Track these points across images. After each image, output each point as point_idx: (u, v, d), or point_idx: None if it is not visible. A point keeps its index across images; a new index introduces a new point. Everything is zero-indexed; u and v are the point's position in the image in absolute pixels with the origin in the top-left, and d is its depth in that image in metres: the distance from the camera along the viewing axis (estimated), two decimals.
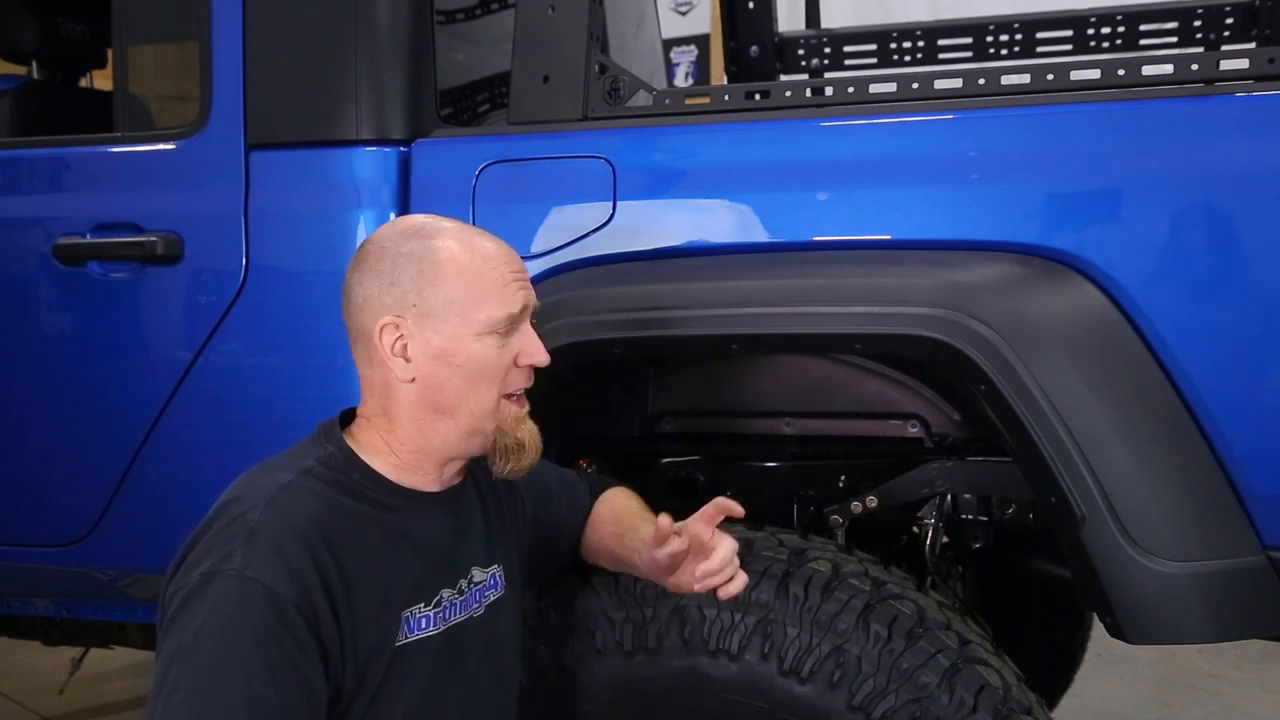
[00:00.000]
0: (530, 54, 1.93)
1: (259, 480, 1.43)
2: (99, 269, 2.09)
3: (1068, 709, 3.25)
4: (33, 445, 2.22)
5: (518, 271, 1.51)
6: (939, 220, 1.71)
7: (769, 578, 1.68)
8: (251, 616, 1.28)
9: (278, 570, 1.31)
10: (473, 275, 1.47)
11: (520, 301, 1.49)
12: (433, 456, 1.51)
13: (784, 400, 1.99)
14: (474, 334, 1.46)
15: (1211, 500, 1.60)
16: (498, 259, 1.49)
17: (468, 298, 1.46)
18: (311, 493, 1.41)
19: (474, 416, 1.48)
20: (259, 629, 1.28)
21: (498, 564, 1.62)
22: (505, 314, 1.47)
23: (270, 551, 1.32)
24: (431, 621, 1.48)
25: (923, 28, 2.89)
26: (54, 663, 3.29)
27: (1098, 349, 1.61)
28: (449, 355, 1.46)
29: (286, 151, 2.00)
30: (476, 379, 1.47)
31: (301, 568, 1.33)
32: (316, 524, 1.37)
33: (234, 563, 1.31)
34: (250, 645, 1.27)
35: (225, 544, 1.33)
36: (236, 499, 1.40)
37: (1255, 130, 1.60)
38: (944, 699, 1.59)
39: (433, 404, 1.48)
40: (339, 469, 1.46)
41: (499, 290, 1.47)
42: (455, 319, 1.46)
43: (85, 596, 2.37)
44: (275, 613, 1.29)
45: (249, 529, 1.34)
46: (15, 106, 2.47)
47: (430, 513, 1.52)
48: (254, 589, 1.29)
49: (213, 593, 1.30)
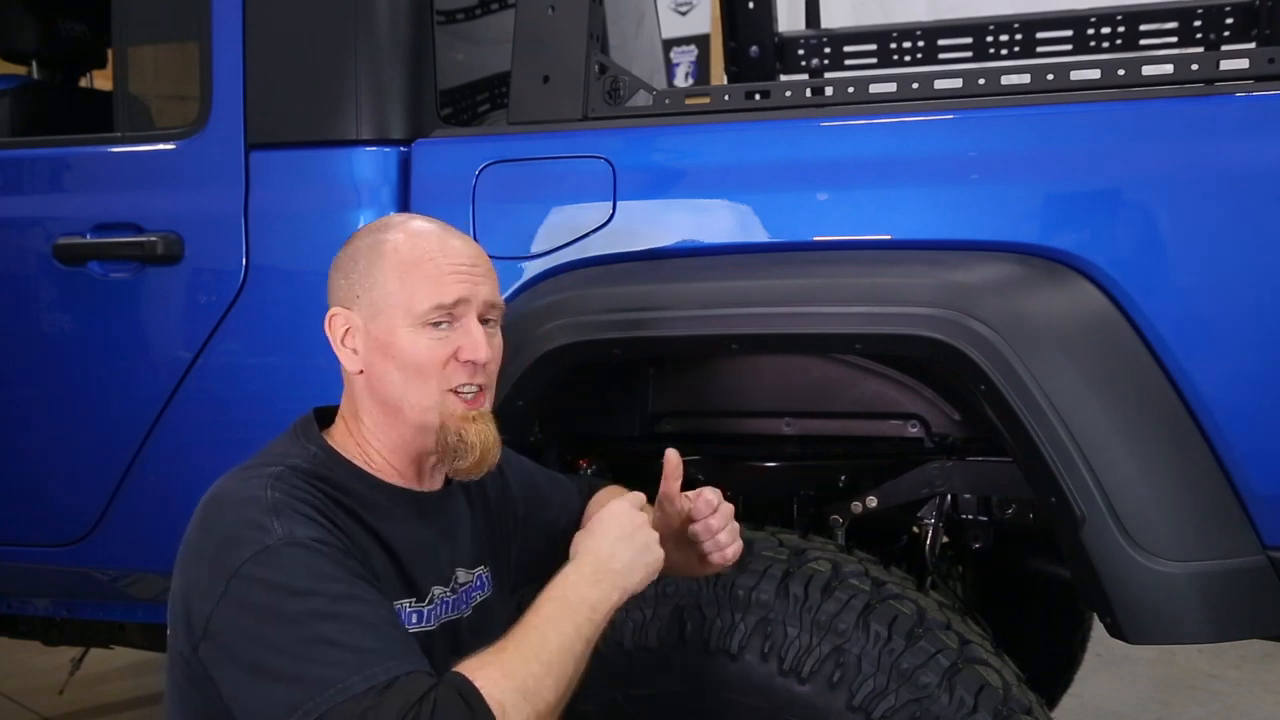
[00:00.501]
0: (530, 54, 1.93)
1: (245, 475, 1.41)
2: (99, 269, 2.09)
3: (1068, 709, 3.25)
4: (33, 445, 2.22)
5: (460, 264, 1.47)
6: (939, 220, 1.71)
7: (769, 578, 1.68)
8: (328, 563, 1.30)
9: (313, 528, 1.32)
10: (408, 266, 1.46)
11: (455, 293, 1.45)
12: (399, 453, 1.50)
13: (784, 400, 1.99)
14: (408, 325, 1.45)
15: (1211, 500, 1.60)
16: (438, 251, 1.47)
17: (402, 289, 1.45)
18: (303, 485, 1.40)
19: (416, 410, 1.46)
20: (343, 571, 1.30)
21: (485, 566, 1.62)
22: (432, 304, 1.44)
23: (299, 517, 1.33)
24: (425, 617, 1.48)
25: (923, 28, 2.89)
26: (54, 663, 3.29)
27: (1098, 349, 1.61)
28: (386, 346, 1.46)
29: (286, 151, 2.00)
30: (412, 371, 1.45)
31: (328, 528, 1.35)
32: (319, 508, 1.37)
33: (275, 535, 1.30)
34: (353, 582, 1.29)
35: (254, 526, 1.31)
36: (230, 491, 1.39)
37: (1255, 130, 1.60)
38: (944, 699, 1.59)
39: (379, 396, 1.48)
40: (324, 466, 1.45)
41: (432, 281, 1.45)
42: (391, 309, 1.45)
43: (85, 596, 2.37)
44: (326, 553, 1.30)
45: (268, 505, 1.33)
46: (15, 106, 2.47)
47: (415, 512, 1.51)
48: (312, 545, 1.30)
49: (276, 565, 1.28)
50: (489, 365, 1.49)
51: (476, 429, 1.47)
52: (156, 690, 3.84)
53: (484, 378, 1.49)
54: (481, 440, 1.47)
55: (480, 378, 1.48)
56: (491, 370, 1.51)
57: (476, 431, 1.47)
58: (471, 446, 1.46)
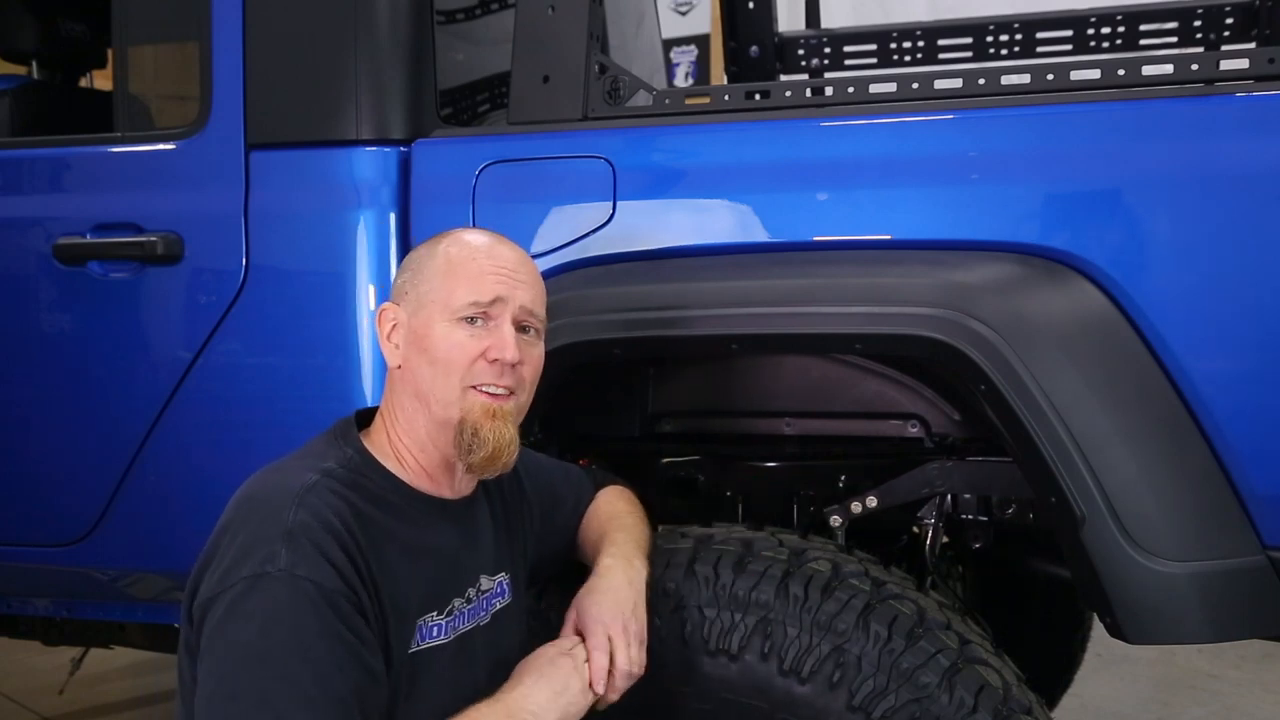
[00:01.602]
0: (530, 54, 1.93)
1: (281, 479, 1.41)
2: (99, 269, 2.09)
3: (1068, 709, 3.25)
4: (33, 445, 2.22)
5: (501, 267, 1.50)
6: (939, 220, 1.71)
7: (769, 578, 1.68)
8: (310, 614, 1.28)
9: (323, 567, 1.31)
10: (454, 265, 1.49)
11: (492, 292, 1.48)
12: (426, 452, 1.50)
13: (784, 400, 1.99)
14: (444, 319, 1.47)
15: (1211, 500, 1.60)
16: (482, 253, 1.50)
17: (444, 285, 1.49)
18: (336, 494, 1.40)
19: (440, 405, 1.47)
20: (321, 626, 1.28)
21: (505, 571, 1.63)
22: (469, 300, 1.47)
23: (312, 549, 1.31)
24: (443, 630, 1.48)
25: (923, 28, 2.89)
26: (54, 663, 3.29)
27: (1098, 349, 1.61)
28: (422, 339, 1.48)
29: (286, 151, 2.00)
30: (441, 364, 1.47)
31: (343, 562, 1.33)
32: (346, 524, 1.37)
33: (280, 563, 1.30)
34: (318, 643, 1.27)
35: (265, 546, 1.31)
36: (261, 497, 1.38)
37: (1255, 130, 1.60)
38: (944, 699, 1.59)
39: (411, 390, 1.49)
40: (359, 472, 1.46)
41: (472, 279, 1.48)
42: (431, 304, 1.49)
43: (85, 596, 2.37)
44: (332, 607, 1.29)
45: (286, 528, 1.32)
46: (15, 106, 2.47)
47: (445, 520, 1.52)
48: (306, 587, 1.29)
49: (264, 596, 1.29)
50: (521, 370, 1.50)
51: (493, 426, 1.47)
52: (156, 690, 3.84)
53: (512, 380, 1.49)
54: (495, 437, 1.47)
55: (508, 379, 1.49)
56: (524, 376, 1.51)
57: (492, 428, 1.47)
58: (484, 441, 1.47)
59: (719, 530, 1.80)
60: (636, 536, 1.70)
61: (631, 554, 1.65)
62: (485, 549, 1.59)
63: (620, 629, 1.52)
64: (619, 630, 1.52)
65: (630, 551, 1.65)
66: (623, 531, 1.70)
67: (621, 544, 1.66)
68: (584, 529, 1.77)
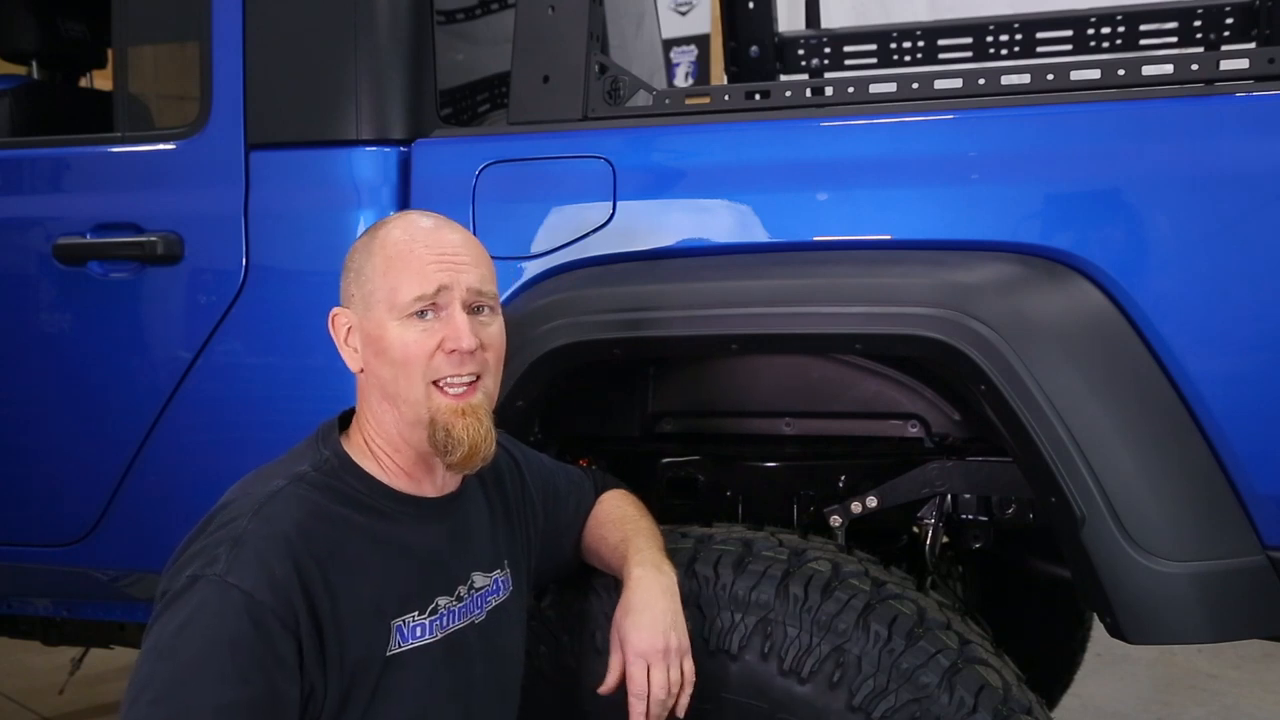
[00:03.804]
0: (530, 54, 1.93)
1: (253, 486, 1.42)
2: (99, 269, 2.09)
3: (1068, 709, 3.25)
4: (33, 445, 2.22)
5: (441, 254, 1.46)
6: (939, 220, 1.71)
7: (769, 578, 1.68)
8: (229, 622, 1.29)
9: (259, 578, 1.31)
10: (392, 261, 1.46)
11: (435, 282, 1.44)
12: (401, 452, 1.49)
13: (784, 400, 1.99)
14: (394, 319, 1.45)
15: (1211, 500, 1.60)
16: (419, 243, 1.46)
17: (386, 283, 1.45)
18: (302, 500, 1.40)
19: (409, 405, 1.45)
20: (235, 635, 1.28)
21: (504, 568, 1.62)
22: (413, 295, 1.44)
23: (253, 559, 1.32)
24: (428, 630, 1.47)
25: (923, 28, 2.90)
26: (54, 663, 3.29)
27: (1098, 349, 1.61)
28: (377, 340, 1.46)
29: (286, 151, 2.00)
30: (400, 365, 1.45)
31: (284, 575, 1.33)
32: (303, 532, 1.37)
33: (217, 568, 1.31)
34: (224, 651, 1.28)
35: (212, 549, 1.34)
36: (230, 504, 1.40)
37: (1255, 130, 1.60)
38: (944, 699, 1.59)
39: (379, 394, 1.48)
40: (333, 474, 1.45)
41: (413, 273, 1.45)
42: (378, 305, 1.46)
43: (85, 596, 2.37)
44: (253, 619, 1.29)
45: (235, 536, 1.34)
46: (15, 106, 2.47)
47: (427, 519, 1.51)
48: (234, 595, 1.30)
49: (194, 596, 1.31)
50: (482, 353, 1.47)
51: (465, 424, 1.45)
52: None
53: (475, 366, 1.47)
54: (470, 435, 1.45)
55: (470, 366, 1.46)
56: (486, 358, 1.49)
57: (464, 426, 1.45)
58: (459, 441, 1.45)
59: (719, 530, 1.80)
60: (657, 541, 1.70)
61: (659, 560, 1.64)
62: (479, 545, 1.58)
63: (661, 654, 1.54)
64: (659, 656, 1.54)
65: (657, 558, 1.64)
66: (642, 536, 1.68)
67: (646, 550, 1.65)
68: (590, 532, 1.76)
